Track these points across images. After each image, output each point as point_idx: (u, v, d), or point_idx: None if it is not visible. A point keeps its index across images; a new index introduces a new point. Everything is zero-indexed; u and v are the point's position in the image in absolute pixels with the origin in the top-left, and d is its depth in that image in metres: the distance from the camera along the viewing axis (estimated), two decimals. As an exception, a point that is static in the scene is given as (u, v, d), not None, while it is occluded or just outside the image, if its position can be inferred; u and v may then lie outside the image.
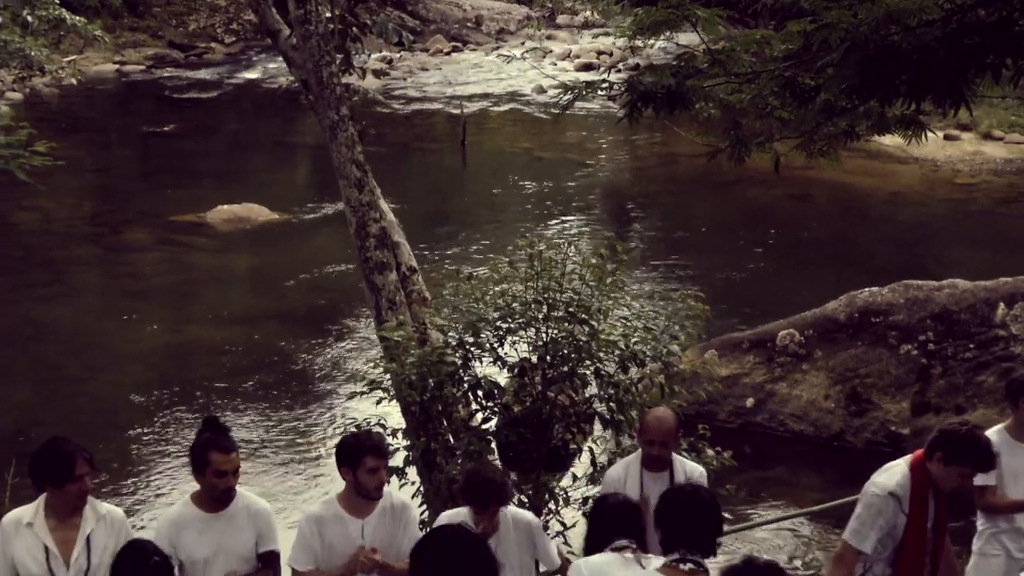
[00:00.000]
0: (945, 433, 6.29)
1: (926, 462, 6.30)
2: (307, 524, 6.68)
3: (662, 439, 6.95)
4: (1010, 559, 7.55)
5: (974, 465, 6.26)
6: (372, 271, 9.74)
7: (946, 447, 6.21)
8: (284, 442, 13.77)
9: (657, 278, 18.99)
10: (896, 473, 6.34)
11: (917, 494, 6.28)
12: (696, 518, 5.15)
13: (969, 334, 13.76)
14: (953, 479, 6.27)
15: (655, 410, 7.26)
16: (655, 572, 5.11)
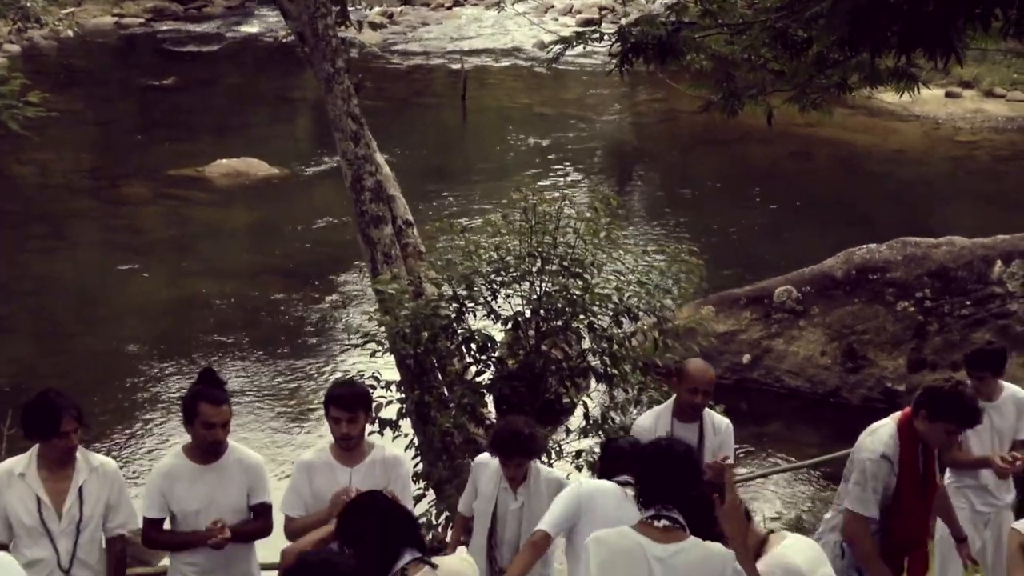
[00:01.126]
0: (929, 390, 6.29)
1: (913, 420, 6.30)
2: (298, 471, 6.70)
3: (706, 387, 6.95)
4: (975, 513, 7.63)
5: (959, 421, 6.26)
6: (367, 224, 9.73)
7: (930, 404, 6.20)
8: (279, 394, 13.81)
9: (656, 234, 18.97)
10: (884, 434, 6.33)
11: (907, 453, 6.29)
12: (672, 473, 5.02)
13: (966, 291, 13.77)
14: (939, 435, 6.27)
15: (696, 360, 7.25)
16: (630, 530, 5.01)
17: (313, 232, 19.43)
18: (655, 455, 5.12)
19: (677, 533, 4.92)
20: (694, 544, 4.94)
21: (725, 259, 18.42)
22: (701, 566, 4.88)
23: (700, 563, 4.88)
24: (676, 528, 4.92)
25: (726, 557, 4.95)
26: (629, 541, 4.91)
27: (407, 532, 4.93)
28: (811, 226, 20.09)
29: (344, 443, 6.48)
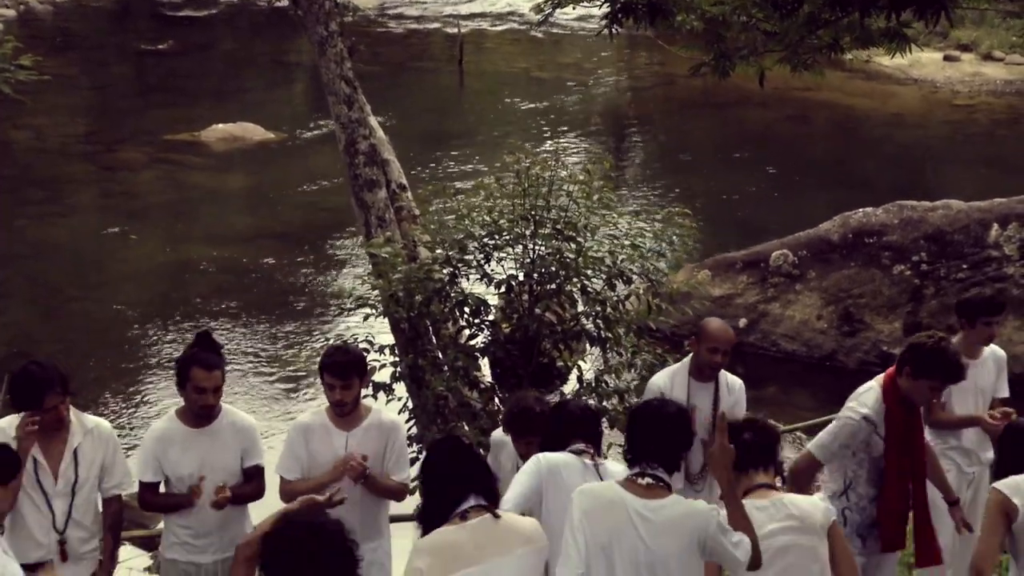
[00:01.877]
0: (913, 347, 6.26)
1: (896, 378, 6.29)
2: (295, 432, 6.71)
3: (726, 347, 6.95)
4: (961, 474, 7.58)
5: (943, 377, 6.24)
6: (361, 188, 9.72)
7: (914, 361, 6.18)
8: (274, 358, 13.83)
9: (653, 198, 18.95)
10: (869, 397, 6.33)
11: (892, 413, 6.29)
12: (660, 432, 5.05)
13: (962, 254, 13.75)
14: (923, 392, 6.26)
15: (715, 320, 7.27)
16: (614, 484, 5.07)
17: (309, 196, 19.40)
18: (646, 414, 5.16)
19: (660, 491, 4.99)
20: (676, 501, 5.01)
21: (722, 223, 18.42)
22: (683, 521, 4.93)
23: (681, 518, 4.94)
24: (659, 486, 4.98)
25: (709, 513, 4.98)
26: (612, 494, 4.99)
27: (476, 479, 5.01)
28: (808, 190, 20.07)
29: (339, 409, 6.50)
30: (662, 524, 4.90)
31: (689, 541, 4.92)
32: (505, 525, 5.03)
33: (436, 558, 4.90)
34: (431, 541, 5.01)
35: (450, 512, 4.97)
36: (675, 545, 4.90)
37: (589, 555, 4.91)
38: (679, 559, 4.91)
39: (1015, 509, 5.47)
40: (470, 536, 4.94)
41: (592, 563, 4.92)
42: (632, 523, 4.90)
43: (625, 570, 4.90)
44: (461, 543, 4.92)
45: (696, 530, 4.93)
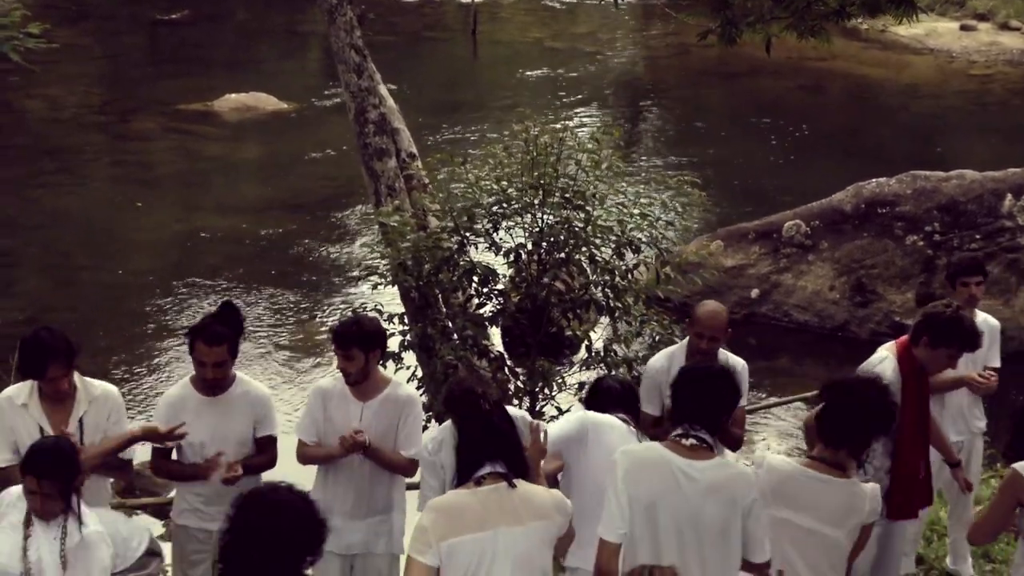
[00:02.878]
0: (929, 316, 6.29)
1: (912, 348, 6.30)
2: (314, 396, 6.74)
3: (712, 333, 6.84)
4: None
5: (961, 346, 6.28)
6: (371, 157, 9.72)
7: (931, 330, 6.21)
8: (286, 328, 13.86)
9: (666, 168, 18.84)
10: (886, 369, 6.31)
11: (908, 381, 6.30)
12: (705, 395, 5.05)
13: (975, 225, 13.71)
14: (941, 361, 6.29)
15: (708, 303, 7.17)
16: (657, 445, 5.09)
17: (322, 166, 19.40)
18: (692, 375, 5.18)
19: (705, 452, 4.99)
20: (721, 463, 5.05)
21: (735, 193, 18.38)
22: (727, 483, 4.97)
23: (726, 480, 4.97)
24: (703, 447, 5.00)
25: (750, 484, 5.04)
26: (656, 454, 5.03)
27: (495, 447, 5.00)
28: (822, 160, 20.00)
29: (345, 378, 6.52)
30: (708, 485, 4.94)
31: (733, 504, 4.96)
32: (520, 495, 4.97)
33: (441, 518, 4.90)
34: (439, 501, 5.04)
35: (468, 477, 4.98)
36: (719, 507, 4.95)
37: (633, 515, 4.95)
38: (723, 520, 4.95)
39: None
40: (479, 502, 4.93)
41: (636, 522, 4.96)
42: (677, 482, 4.93)
43: (669, 529, 4.93)
44: (468, 506, 4.92)
45: (741, 495, 4.97)
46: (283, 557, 3.92)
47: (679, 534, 4.93)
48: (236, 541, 3.94)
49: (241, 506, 4.00)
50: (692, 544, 4.93)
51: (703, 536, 4.93)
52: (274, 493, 4.05)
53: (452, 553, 4.86)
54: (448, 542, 4.84)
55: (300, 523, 3.98)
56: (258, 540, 3.91)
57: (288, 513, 3.96)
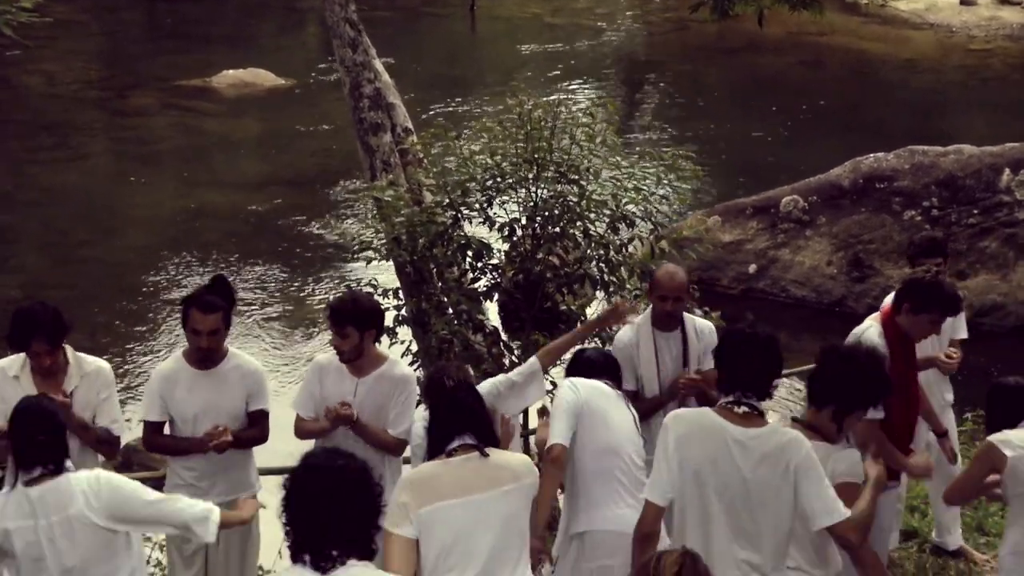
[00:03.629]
0: (910, 283, 6.30)
1: (895, 316, 6.31)
2: (311, 370, 6.78)
3: (675, 294, 6.79)
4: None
5: (942, 310, 6.28)
6: (366, 132, 9.70)
7: (913, 297, 6.22)
8: (282, 303, 13.89)
9: (664, 142, 18.84)
10: (872, 335, 6.32)
11: (894, 349, 6.30)
12: (754, 360, 4.98)
13: (973, 200, 13.69)
14: (923, 327, 6.29)
15: (666, 266, 7.14)
16: (709, 411, 5.07)
17: (320, 142, 19.38)
18: (738, 341, 5.11)
19: (756, 419, 4.97)
20: (773, 430, 5.02)
21: (733, 169, 18.36)
22: (779, 451, 4.93)
23: (778, 448, 4.93)
24: (755, 414, 4.98)
25: (802, 440, 4.99)
26: (709, 420, 5.02)
27: (462, 421, 5.08)
28: (821, 135, 19.96)
29: (339, 356, 6.53)
30: (761, 452, 4.92)
31: (785, 470, 4.92)
32: (493, 463, 5.07)
33: (416, 491, 4.97)
34: (411, 475, 5.14)
35: (440, 452, 5.05)
36: (772, 474, 4.92)
37: (683, 480, 4.94)
38: (776, 489, 4.92)
39: (1003, 459, 5.71)
40: (451, 472, 5.01)
41: (685, 488, 4.95)
42: (729, 450, 4.91)
43: (719, 496, 4.92)
44: (443, 475, 5.00)
45: (791, 457, 4.93)
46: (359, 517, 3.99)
47: (729, 501, 4.92)
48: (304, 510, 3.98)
49: (300, 477, 4.04)
50: (742, 512, 4.93)
51: (754, 504, 4.92)
52: (329, 459, 4.10)
53: (430, 521, 4.91)
54: (425, 510, 4.89)
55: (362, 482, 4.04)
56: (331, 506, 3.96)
57: (347, 474, 4.02)
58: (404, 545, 4.86)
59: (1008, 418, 5.88)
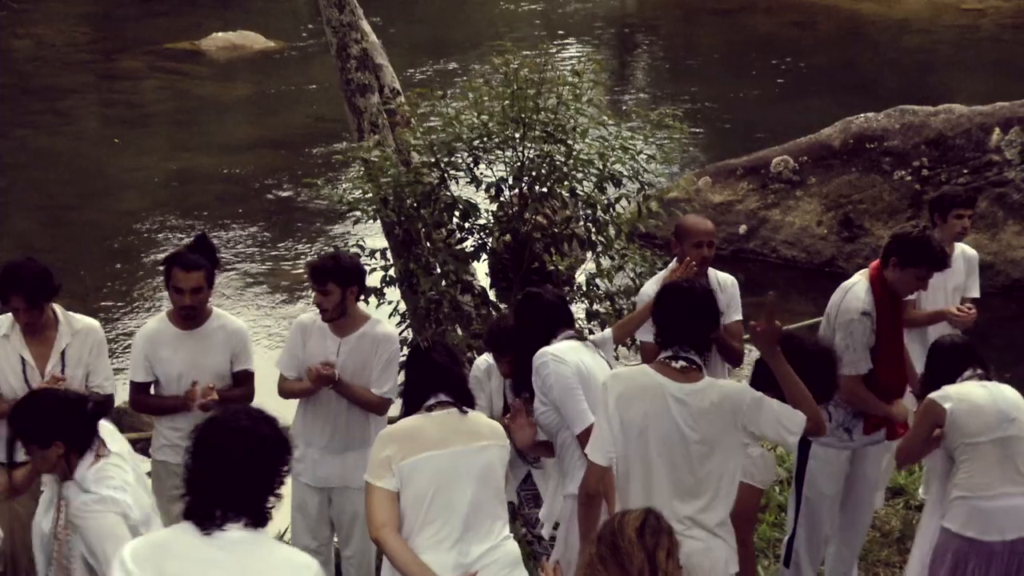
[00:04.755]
0: (898, 237, 6.29)
1: (882, 271, 6.30)
2: (294, 330, 6.78)
3: (709, 238, 6.85)
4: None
5: (929, 265, 6.28)
6: (354, 93, 9.66)
7: (900, 251, 6.21)
8: (272, 264, 13.88)
9: (655, 103, 18.79)
10: (860, 291, 6.32)
11: (882, 304, 6.30)
12: (690, 314, 5.02)
13: (963, 159, 13.67)
14: (910, 282, 6.29)
15: (691, 215, 7.23)
16: (648, 368, 5.06)
17: (309, 104, 19.33)
18: (674, 296, 5.12)
19: (694, 374, 4.97)
20: (711, 383, 5.02)
21: (725, 129, 18.34)
22: (721, 403, 4.94)
23: (719, 400, 4.94)
24: (693, 369, 4.98)
25: (743, 391, 5.02)
26: (647, 378, 5.00)
27: (442, 381, 5.15)
28: (813, 96, 19.91)
29: (321, 314, 6.53)
30: (701, 407, 4.92)
31: (728, 422, 4.94)
32: (471, 420, 5.15)
33: (400, 444, 5.01)
34: (393, 429, 5.14)
35: (417, 409, 5.12)
36: (715, 428, 4.92)
37: (626, 440, 4.93)
38: (719, 442, 4.93)
39: (942, 412, 5.87)
40: (433, 424, 5.07)
41: (628, 448, 4.94)
42: (669, 407, 4.90)
43: (661, 454, 4.91)
44: (424, 428, 5.05)
45: (733, 410, 4.94)
46: (248, 480, 3.88)
47: (670, 458, 4.91)
48: (198, 468, 3.90)
49: (201, 432, 3.96)
50: (684, 468, 4.92)
51: (694, 460, 4.91)
52: (234, 418, 3.99)
53: (412, 472, 4.94)
54: (407, 462, 4.94)
55: (262, 445, 3.92)
56: (222, 465, 3.86)
57: (248, 436, 3.90)
58: (386, 497, 4.91)
59: (946, 375, 6.03)
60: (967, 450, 5.81)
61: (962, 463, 5.83)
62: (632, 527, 3.89)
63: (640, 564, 3.83)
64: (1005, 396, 5.90)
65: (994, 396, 5.87)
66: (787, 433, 4.98)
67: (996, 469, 5.76)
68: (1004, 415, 5.81)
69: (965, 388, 5.90)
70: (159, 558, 3.83)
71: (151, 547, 3.91)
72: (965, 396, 5.86)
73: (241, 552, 3.84)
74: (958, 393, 5.88)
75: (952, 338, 6.18)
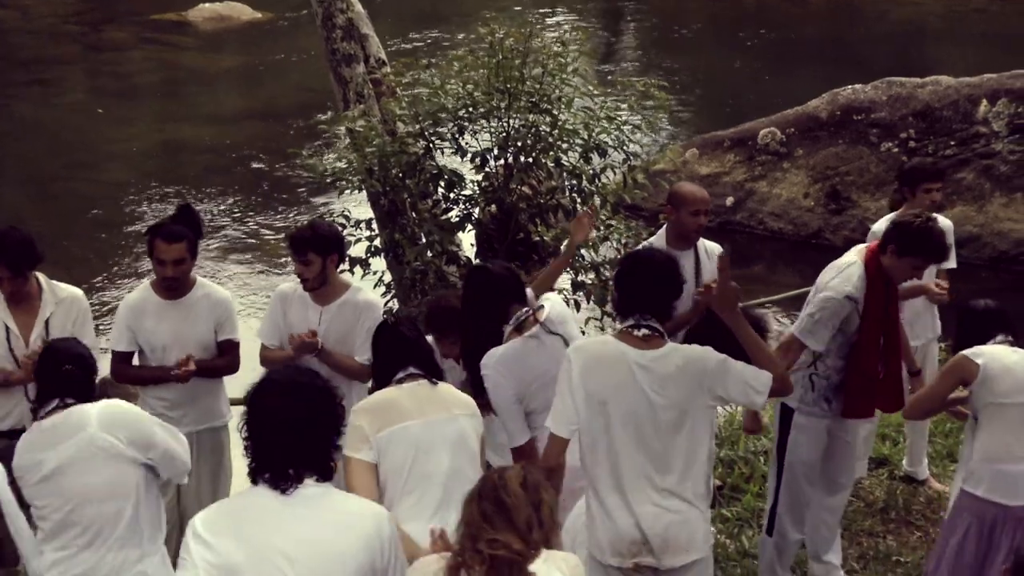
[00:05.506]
0: (900, 225, 6.25)
1: (880, 255, 6.29)
2: (275, 300, 6.78)
3: (706, 207, 6.92)
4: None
5: (927, 256, 6.27)
6: (339, 63, 9.64)
7: (901, 239, 6.17)
8: (258, 234, 13.86)
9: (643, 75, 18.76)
10: (852, 275, 6.27)
11: (873, 290, 6.30)
12: (651, 282, 4.97)
13: (950, 131, 13.67)
14: (906, 271, 6.27)
15: (686, 183, 7.23)
16: (610, 338, 5.03)
17: (296, 76, 19.27)
18: (635, 264, 5.09)
19: (656, 340, 4.94)
20: (674, 348, 4.97)
21: (713, 102, 18.32)
22: (684, 367, 4.90)
23: (683, 365, 4.90)
24: (656, 336, 4.94)
25: (707, 354, 4.96)
26: (610, 347, 4.95)
27: (410, 354, 5.18)
28: (802, 68, 19.89)
29: (303, 284, 6.53)
30: (666, 372, 4.87)
31: (694, 387, 4.89)
32: (442, 390, 5.17)
33: (373, 415, 5.02)
34: (366, 402, 5.16)
35: (387, 382, 5.14)
36: (682, 393, 4.88)
37: (590, 412, 4.89)
38: (685, 408, 4.89)
39: (975, 368, 5.80)
40: (406, 395, 5.08)
41: (592, 419, 4.90)
42: (633, 375, 4.86)
43: (624, 424, 4.86)
44: (397, 399, 5.06)
45: (698, 374, 4.90)
46: (314, 435, 3.93)
47: (638, 428, 4.87)
48: (263, 430, 3.93)
49: (257, 396, 3.98)
50: (653, 437, 4.88)
51: (663, 428, 4.87)
52: (286, 377, 4.04)
53: (389, 443, 4.94)
54: (384, 433, 4.93)
55: (321, 399, 3.98)
56: (287, 424, 3.90)
57: (307, 392, 3.96)
58: (365, 469, 4.90)
59: (977, 337, 5.99)
60: (994, 411, 5.79)
61: (985, 425, 5.82)
62: (516, 482, 3.91)
63: (527, 517, 3.85)
64: None
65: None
66: (755, 394, 4.95)
67: (1021, 432, 5.76)
68: None
69: (998, 349, 5.89)
70: (235, 523, 3.88)
71: (225, 514, 3.95)
72: (998, 356, 5.84)
73: (320, 506, 3.89)
74: (992, 352, 5.86)
75: (986, 303, 6.14)
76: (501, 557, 3.79)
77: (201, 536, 3.83)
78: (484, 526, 3.84)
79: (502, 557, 3.79)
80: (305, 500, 3.87)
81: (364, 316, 6.53)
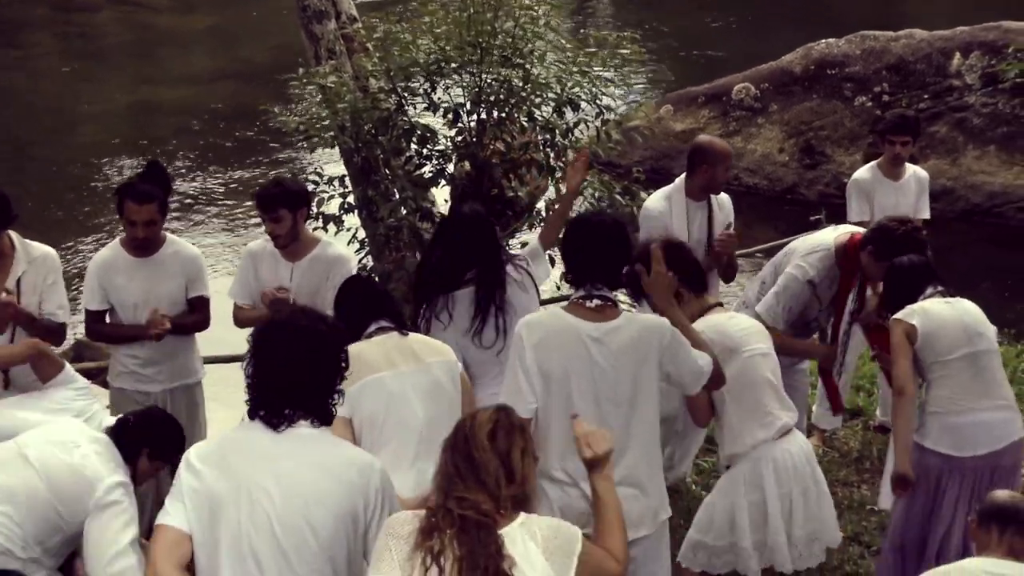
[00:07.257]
0: (883, 230, 6.30)
1: (859, 249, 6.36)
2: (245, 258, 6.75)
3: (730, 161, 7.06)
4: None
5: None
6: (310, 20, 9.55)
7: (880, 244, 6.23)
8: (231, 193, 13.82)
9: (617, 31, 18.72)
10: (815, 259, 6.44)
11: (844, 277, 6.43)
12: (600, 249, 4.79)
13: (924, 84, 13.70)
14: (880, 273, 6.32)
15: (713, 139, 7.24)
16: (560, 311, 4.86)
17: (269, 35, 19.16)
18: (583, 231, 4.88)
19: (610, 311, 4.78)
20: (629, 319, 4.83)
21: (688, 58, 18.28)
22: (637, 340, 4.76)
23: (638, 334, 4.77)
24: (608, 306, 4.78)
25: (662, 325, 4.83)
26: (562, 322, 4.78)
27: (380, 307, 5.23)
28: (777, 24, 19.86)
29: (275, 242, 6.50)
30: (619, 345, 4.73)
31: (647, 358, 4.76)
32: (413, 340, 5.17)
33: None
34: None
35: (358, 337, 5.10)
36: (634, 364, 4.74)
37: (546, 390, 4.72)
38: (639, 379, 4.75)
39: (913, 330, 5.78)
40: (377, 347, 5.07)
41: (548, 399, 4.74)
42: (587, 348, 4.70)
43: (584, 398, 4.70)
44: (368, 352, 5.04)
45: (652, 345, 4.77)
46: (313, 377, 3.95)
47: (595, 403, 4.72)
48: (263, 368, 3.94)
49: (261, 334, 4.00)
50: (609, 411, 4.73)
51: (620, 400, 4.74)
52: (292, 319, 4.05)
53: (361, 396, 4.93)
54: (355, 386, 4.87)
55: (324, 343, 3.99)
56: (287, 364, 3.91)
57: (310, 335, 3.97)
58: (339, 423, 4.82)
59: (907, 294, 5.95)
60: (939, 368, 5.78)
61: (934, 380, 5.82)
62: (484, 432, 3.76)
63: (495, 471, 3.69)
64: (968, 311, 5.87)
65: (958, 311, 5.83)
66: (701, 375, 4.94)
67: (969, 384, 5.75)
68: (971, 329, 5.78)
69: (929, 304, 5.84)
70: (224, 454, 3.90)
71: (216, 445, 3.97)
72: (931, 314, 5.79)
73: (309, 447, 3.89)
74: (923, 309, 5.82)
75: (911, 258, 6.05)
76: (469, 518, 3.61)
77: (192, 465, 3.87)
78: (456, 480, 3.71)
79: (470, 518, 3.61)
80: (295, 439, 3.88)
81: (334, 271, 6.49)
